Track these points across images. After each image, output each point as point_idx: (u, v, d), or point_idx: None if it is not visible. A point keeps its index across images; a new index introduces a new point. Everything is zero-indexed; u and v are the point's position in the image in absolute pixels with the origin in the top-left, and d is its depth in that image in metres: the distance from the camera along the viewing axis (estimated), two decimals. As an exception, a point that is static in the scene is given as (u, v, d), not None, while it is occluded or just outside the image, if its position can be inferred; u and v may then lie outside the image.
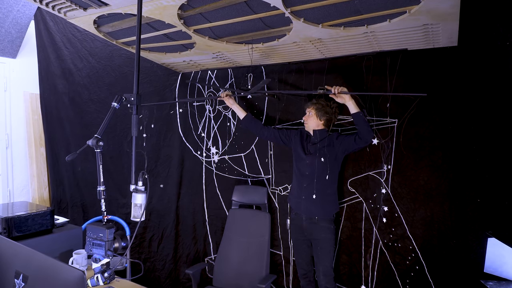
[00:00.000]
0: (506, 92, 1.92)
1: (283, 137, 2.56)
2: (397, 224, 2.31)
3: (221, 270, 2.78)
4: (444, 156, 2.17)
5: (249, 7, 1.76)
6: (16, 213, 2.10)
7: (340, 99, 2.29)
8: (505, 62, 1.90)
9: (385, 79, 2.29)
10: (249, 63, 2.67)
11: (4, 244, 1.41)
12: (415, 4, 1.58)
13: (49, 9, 1.95)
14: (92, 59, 3.59)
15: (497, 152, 2.00)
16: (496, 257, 1.97)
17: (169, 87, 3.22)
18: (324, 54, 2.39)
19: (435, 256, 2.21)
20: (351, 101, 2.24)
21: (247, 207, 2.87)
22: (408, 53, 2.20)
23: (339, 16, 1.77)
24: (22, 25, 3.70)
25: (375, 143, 2.35)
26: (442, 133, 2.17)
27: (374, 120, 2.34)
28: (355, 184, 2.46)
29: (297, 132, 2.53)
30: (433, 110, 2.18)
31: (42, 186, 3.99)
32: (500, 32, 1.90)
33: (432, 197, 2.21)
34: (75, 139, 3.78)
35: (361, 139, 2.24)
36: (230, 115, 2.97)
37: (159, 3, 1.74)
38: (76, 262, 2.01)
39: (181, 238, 3.23)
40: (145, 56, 2.73)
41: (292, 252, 2.70)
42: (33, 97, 3.97)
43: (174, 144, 3.23)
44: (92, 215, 3.64)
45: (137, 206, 1.51)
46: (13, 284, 1.28)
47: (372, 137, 2.25)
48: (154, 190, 3.32)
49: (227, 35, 2.17)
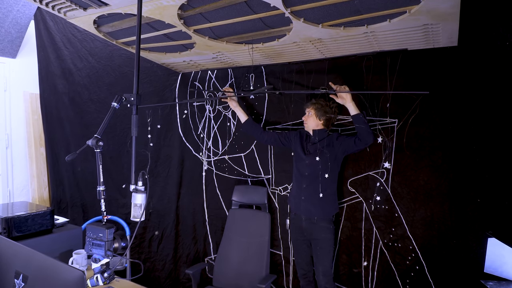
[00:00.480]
0: (506, 92, 1.92)
1: (282, 140, 2.56)
2: (397, 224, 2.31)
3: (221, 270, 2.78)
4: (444, 156, 2.17)
5: (249, 7, 1.76)
6: (16, 213, 2.10)
7: (341, 100, 2.29)
8: (505, 62, 1.90)
9: (385, 79, 2.29)
10: (249, 63, 2.67)
11: (4, 244, 1.41)
12: (415, 4, 1.58)
13: (49, 9, 1.95)
14: (92, 59, 3.59)
15: (497, 152, 2.00)
16: (496, 257, 1.97)
17: (169, 87, 3.22)
18: (324, 54, 2.39)
19: (435, 256, 2.21)
20: (351, 103, 2.24)
21: (247, 207, 2.87)
22: (408, 53, 2.20)
23: (339, 16, 1.77)
24: (22, 25, 3.70)
25: (379, 141, 2.34)
26: (442, 133, 2.17)
27: (376, 120, 2.34)
28: (355, 184, 2.46)
29: (296, 133, 2.53)
30: (433, 110, 2.18)
31: (42, 186, 3.99)
32: (500, 32, 1.91)
33: (432, 197, 2.21)
34: (75, 139, 3.77)
35: (360, 141, 2.24)
36: (230, 115, 2.97)
37: (159, 3, 1.74)
38: (76, 262, 2.01)
39: (181, 238, 3.23)
40: (145, 56, 2.73)
41: (292, 252, 2.70)
42: (33, 97, 3.96)
43: (174, 144, 3.23)
44: (92, 215, 3.63)
45: (137, 206, 1.50)
46: (13, 284, 1.28)
47: (373, 139, 2.25)
48: (154, 190, 3.32)
49: (227, 35, 2.17)
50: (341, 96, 2.28)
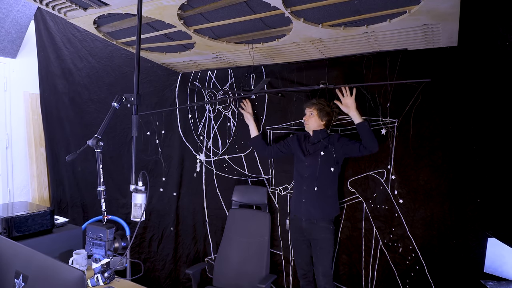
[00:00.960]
0: (506, 92, 1.92)
1: (283, 149, 2.56)
2: (397, 224, 2.31)
3: (221, 270, 2.78)
4: (444, 156, 2.17)
5: (249, 7, 1.76)
6: (16, 213, 2.10)
7: (345, 108, 2.28)
8: (505, 62, 1.90)
9: (385, 79, 2.29)
10: (249, 63, 2.67)
11: (4, 244, 1.42)
12: (415, 4, 1.58)
13: (49, 9, 1.95)
14: (92, 59, 3.59)
15: (497, 152, 2.00)
16: (496, 257, 1.98)
17: (169, 87, 3.22)
18: (324, 54, 2.39)
19: (435, 256, 2.21)
20: (356, 112, 2.24)
21: (247, 207, 2.87)
22: (408, 53, 2.20)
23: (339, 16, 1.77)
24: (22, 25, 3.70)
25: (383, 133, 2.33)
26: (442, 133, 2.17)
27: (379, 120, 2.34)
28: (355, 184, 2.46)
29: (293, 137, 2.52)
30: (433, 110, 2.18)
31: (42, 186, 3.99)
32: (500, 32, 1.91)
33: (432, 197, 2.21)
34: (75, 139, 3.78)
35: (366, 148, 2.22)
36: (230, 115, 2.97)
37: (159, 3, 1.74)
38: (76, 262, 2.01)
39: (181, 238, 3.23)
40: (145, 56, 2.73)
41: (292, 252, 2.70)
42: (33, 97, 3.97)
43: (174, 144, 3.23)
44: (92, 215, 3.64)
45: (137, 206, 1.50)
46: (13, 284, 1.28)
47: (378, 147, 2.21)
48: (154, 190, 3.32)
49: (227, 35, 2.17)
50: (346, 104, 2.27)
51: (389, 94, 2.30)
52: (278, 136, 2.75)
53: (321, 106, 2.37)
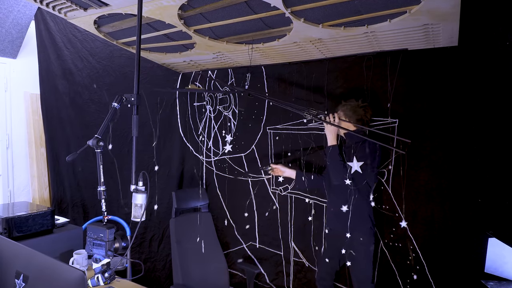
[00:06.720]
0: (506, 92, 1.92)
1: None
2: (397, 224, 2.31)
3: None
4: (445, 156, 2.17)
5: (249, 7, 1.76)
6: (16, 213, 2.10)
7: (326, 129, 2.30)
8: (505, 62, 1.90)
9: (385, 79, 2.29)
10: (249, 63, 2.67)
11: (5, 244, 1.42)
12: (416, 4, 1.58)
13: (50, 9, 1.95)
14: (92, 59, 3.59)
15: (498, 152, 1.99)
16: (496, 257, 1.97)
17: (170, 87, 3.22)
18: (324, 54, 2.39)
19: (436, 256, 2.21)
20: (331, 134, 2.26)
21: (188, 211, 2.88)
22: (409, 53, 2.20)
23: (339, 16, 1.77)
24: (22, 25, 3.70)
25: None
26: (442, 133, 2.17)
27: (376, 120, 2.34)
28: (356, 184, 2.45)
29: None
30: (433, 110, 2.18)
31: (42, 186, 3.99)
32: (500, 32, 1.90)
33: (432, 197, 2.21)
34: (75, 139, 3.78)
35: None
36: (230, 115, 2.97)
37: (159, 3, 1.74)
38: (77, 262, 2.01)
39: (181, 238, 3.23)
40: (146, 57, 2.73)
41: (292, 252, 2.70)
42: (33, 97, 3.97)
43: (174, 144, 3.23)
44: (92, 215, 3.64)
45: (137, 206, 1.51)
46: (14, 284, 1.28)
47: (341, 181, 2.16)
48: (154, 190, 3.32)
49: (227, 35, 2.17)
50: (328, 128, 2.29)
51: (390, 94, 2.29)
52: (279, 136, 2.75)
53: (349, 107, 2.26)
